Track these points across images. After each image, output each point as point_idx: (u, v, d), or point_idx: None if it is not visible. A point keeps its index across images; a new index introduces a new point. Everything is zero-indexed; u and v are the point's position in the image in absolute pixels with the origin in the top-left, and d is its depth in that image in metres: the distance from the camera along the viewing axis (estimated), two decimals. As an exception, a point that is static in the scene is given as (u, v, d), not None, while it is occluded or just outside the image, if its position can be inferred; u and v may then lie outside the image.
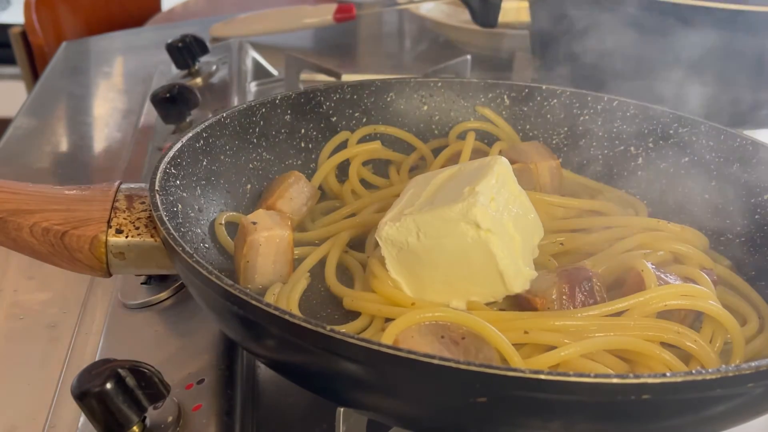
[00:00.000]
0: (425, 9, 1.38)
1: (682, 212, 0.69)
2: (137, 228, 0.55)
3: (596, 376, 0.38)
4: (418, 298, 0.56)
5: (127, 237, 0.54)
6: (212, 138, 0.65)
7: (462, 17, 1.32)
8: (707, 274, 0.56)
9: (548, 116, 0.78)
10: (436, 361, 0.38)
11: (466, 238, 0.54)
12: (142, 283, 0.67)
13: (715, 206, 0.67)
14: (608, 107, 0.75)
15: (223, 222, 0.62)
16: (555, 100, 0.77)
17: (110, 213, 0.55)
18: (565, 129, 0.77)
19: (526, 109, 0.78)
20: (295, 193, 0.67)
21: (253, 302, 0.43)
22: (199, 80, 1.10)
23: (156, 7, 2.05)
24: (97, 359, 0.53)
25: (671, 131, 0.72)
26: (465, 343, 0.49)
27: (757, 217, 0.64)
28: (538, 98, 0.78)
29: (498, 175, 0.57)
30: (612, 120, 0.75)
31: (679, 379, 0.38)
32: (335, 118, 0.75)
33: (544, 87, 0.77)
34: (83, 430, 0.53)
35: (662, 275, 0.54)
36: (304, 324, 0.41)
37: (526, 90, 0.78)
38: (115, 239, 0.54)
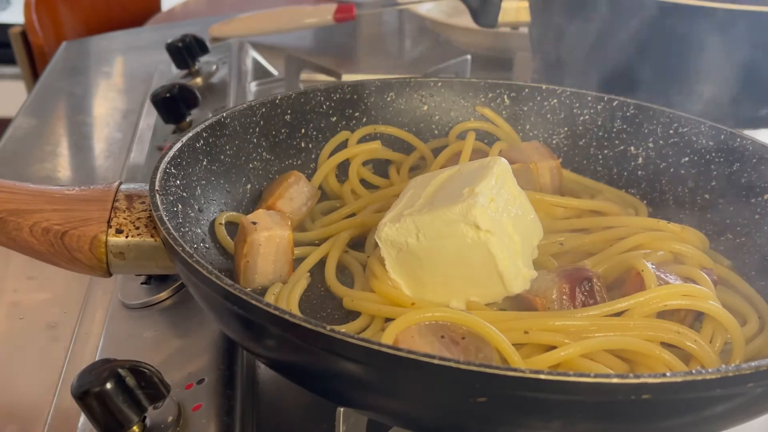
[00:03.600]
0: (425, 9, 1.38)
1: (682, 212, 0.69)
2: (137, 228, 0.55)
3: (596, 375, 0.38)
4: (417, 298, 0.56)
5: (127, 237, 0.54)
6: (212, 138, 0.65)
7: (462, 17, 1.33)
8: (707, 274, 0.56)
9: (548, 116, 0.78)
10: (436, 361, 0.38)
11: (466, 239, 0.54)
12: (142, 283, 0.67)
13: (715, 206, 0.67)
14: (608, 107, 0.75)
15: (223, 222, 0.62)
16: (555, 100, 0.77)
17: (110, 213, 0.55)
18: (565, 129, 0.77)
19: (526, 108, 0.78)
20: (295, 193, 0.67)
21: (253, 302, 0.43)
22: (199, 80, 1.10)
23: (156, 7, 2.05)
24: (97, 359, 0.53)
25: (671, 131, 0.72)
26: (465, 343, 0.49)
27: (757, 217, 0.64)
28: (538, 98, 0.78)
29: (497, 176, 0.57)
30: (612, 120, 0.75)
31: (679, 379, 0.38)
32: (335, 118, 0.75)
33: (544, 87, 0.77)
34: (83, 430, 0.53)
35: (662, 275, 0.54)
36: (304, 324, 0.41)
37: (526, 90, 0.78)
38: (115, 239, 0.54)
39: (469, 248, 0.54)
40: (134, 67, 1.34)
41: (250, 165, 0.69)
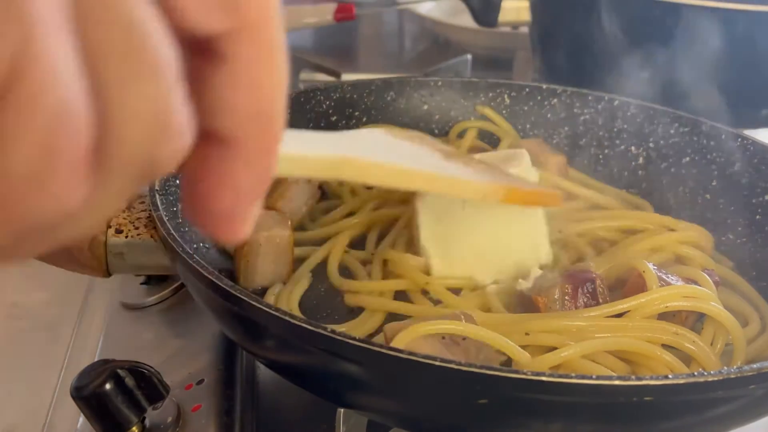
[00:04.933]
0: (425, 9, 1.38)
1: (682, 212, 0.69)
2: (137, 228, 0.55)
3: (598, 377, 0.38)
4: (438, 274, 0.58)
5: (126, 237, 0.54)
6: (212, 138, 0.65)
7: (462, 17, 1.32)
8: (709, 275, 0.56)
9: (549, 116, 0.77)
10: (437, 363, 0.38)
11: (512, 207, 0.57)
12: (142, 283, 0.67)
13: (715, 206, 0.67)
14: (609, 107, 0.75)
15: (223, 222, 0.62)
16: (555, 100, 0.77)
17: (110, 213, 0.55)
18: (566, 128, 0.77)
19: (526, 108, 0.78)
20: (295, 193, 0.67)
21: (253, 303, 0.43)
22: (198, 80, 1.10)
23: (155, 6, 2.04)
24: (96, 359, 0.53)
25: (672, 131, 0.72)
26: (466, 343, 0.49)
27: (758, 217, 0.64)
28: (539, 98, 0.77)
29: (528, 163, 0.60)
30: (612, 119, 0.75)
31: (680, 381, 0.38)
32: (335, 117, 0.75)
33: (544, 86, 0.77)
34: (83, 430, 0.53)
35: (664, 276, 0.54)
36: (304, 325, 0.41)
37: (527, 89, 0.78)
38: (114, 239, 0.54)
39: (513, 216, 0.58)
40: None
41: (250, 165, 0.69)
